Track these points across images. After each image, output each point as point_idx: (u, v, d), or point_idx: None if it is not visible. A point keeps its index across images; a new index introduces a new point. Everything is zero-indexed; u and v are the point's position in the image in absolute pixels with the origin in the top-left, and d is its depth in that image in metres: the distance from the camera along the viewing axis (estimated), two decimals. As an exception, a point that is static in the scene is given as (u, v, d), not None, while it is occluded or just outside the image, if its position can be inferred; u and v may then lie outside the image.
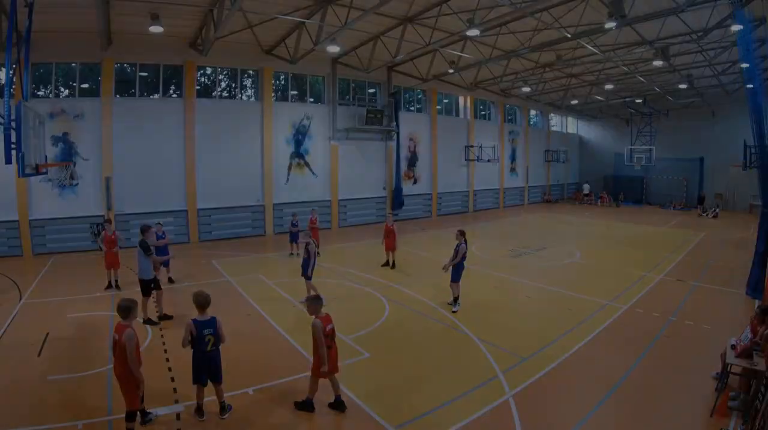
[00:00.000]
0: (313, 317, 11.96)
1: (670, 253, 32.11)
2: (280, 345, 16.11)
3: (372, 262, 28.93)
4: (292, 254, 30.85)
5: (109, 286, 23.07)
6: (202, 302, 11.59)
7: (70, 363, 14.59)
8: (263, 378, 13.68)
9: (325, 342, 11.76)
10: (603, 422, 11.59)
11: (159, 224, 24.25)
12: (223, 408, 11.65)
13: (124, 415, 10.63)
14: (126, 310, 10.69)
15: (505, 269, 27.77)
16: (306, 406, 12.15)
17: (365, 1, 26.93)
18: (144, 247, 17.88)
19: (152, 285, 18.31)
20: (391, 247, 27.95)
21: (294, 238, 30.61)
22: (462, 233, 20.35)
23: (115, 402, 11.94)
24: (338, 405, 12.20)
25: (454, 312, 19.80)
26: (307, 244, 20.92)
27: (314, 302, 12.26)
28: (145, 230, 18.31)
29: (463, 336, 17.16)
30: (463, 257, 20.12)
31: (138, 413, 11.01)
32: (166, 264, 23.65)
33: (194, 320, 11.41)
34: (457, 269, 20.13)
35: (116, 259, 23.03)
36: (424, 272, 26.69)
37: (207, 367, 11.46)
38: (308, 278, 20.66)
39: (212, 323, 11.49)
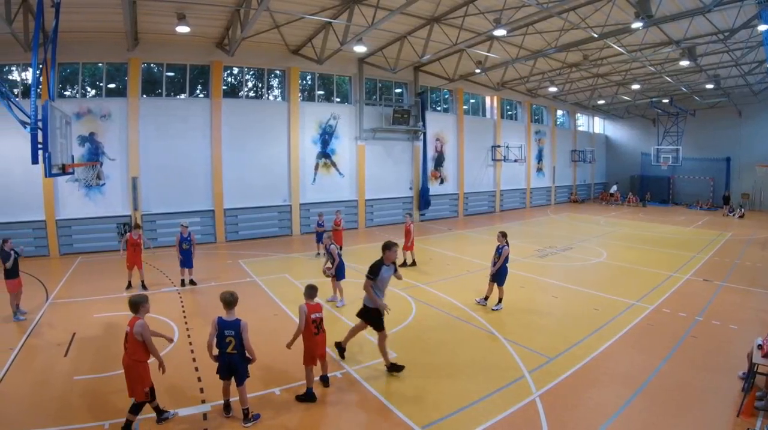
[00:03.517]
0: (303, 304, 12.60)
1: (696, 253, 31.78)
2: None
3: (398, 262, 28.73)
4: (318, 254, 30.62)
5: (129, 286, 23.12)
6: (226, 299, 11.44)
7: (97, 363, 14.58)
8: (290, 378, 13.61)
9: (311, 328, 12.38)
10: (629, 422, 11.42)
11: (184, 225, 24.19)
12: (246, 415, 11.35)
13: (139, 409, 10.93)
14: (134, 304, 11.04)
15: (531, 269, 27.50)
16: (307, 397, 12.50)
17: (392, 1, 27.00)
18: (371, 269, 14.32)
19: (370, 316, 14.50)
20: (406, 247, 28.02)
21: (320, 238, 30.43)
22: (504, 235, 20.28)
23: None
24: (323, 380, 13.26)
25: (494, 310, 19.92)
26: (328, 246, 20.96)
27: (308, 290, 12.88)
28: (387, 247, 14.50)
29: (490, 336, 17.08)
30: (506, 259, 20.04)
31: (153, 410, 11.37)
32: (188, 265, 23.86)
33: (219, 318, 11.35)
34: (501, 273, 20.07)
35: (138, 259, 22.97)
36: (450, 272, 26.56)
37: (227, 369, 11.39)
38: (340, 278, 20.79)
39: (235, 324, 11.31)
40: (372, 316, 14.15)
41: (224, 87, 37.30)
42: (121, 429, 10.97)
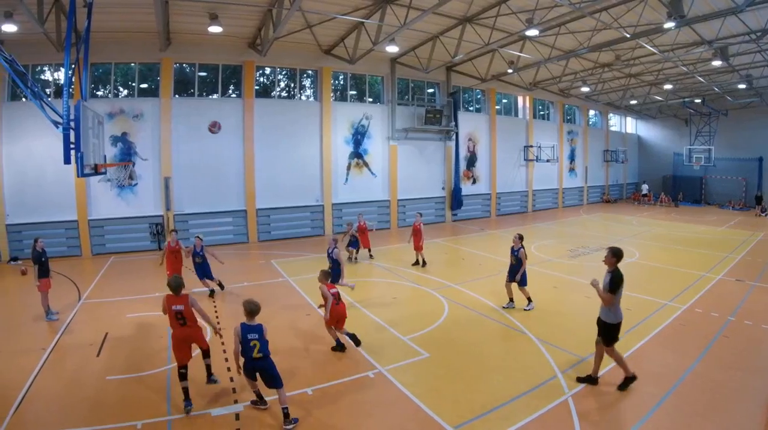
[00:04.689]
0: (320, 284, 15.50)
1: (729, 253, 31.42)
2: (340, 345, 15.99)
3: (431, 262, 28.66)
4: (350, 259, 30.25)
5: None
6: (251, 308, 11.80)
7: (129, 363, 14.62)
8: (322, 378, 13.61)
9: (332, 300, 15.22)
10: (661, 422, 11.34)
11: (199, 237, 22.82)
12: (287, 417, 11.31)
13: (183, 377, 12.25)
14: (178, 287, 12.59)
15: (564, 269, 27.42)
16: (339, 346, 15.71)
17: (424, 1, 26.87)
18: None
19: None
20: (417, 246, 28.15)
21: (353, 245, 30.14)
22: (521, 238, 20.10)
23: (174, 402, 12.00)
24: (353, 338, 15.93)
25: (526, 310, 19.76)
26: (332, 251, 21.06)
27: (323, 276, 15.72)
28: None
29: (522, 336, 16.99)
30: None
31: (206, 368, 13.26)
32: (209, 276, 22.67)
33: (242, 324, 11.67)
34: (523, 274, 19.87)
35: (179, 266, 22.13)
36: (482, 272, 26.44)
37: (255, 374, 11.68)
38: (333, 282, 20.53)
39: (258, 328, 11.59)
40: (613, 331, 13.16)
41: (256, 87, 37.38)
42: (183, 403, 11.96)
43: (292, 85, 40.19)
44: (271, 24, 29.48)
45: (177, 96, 34.61)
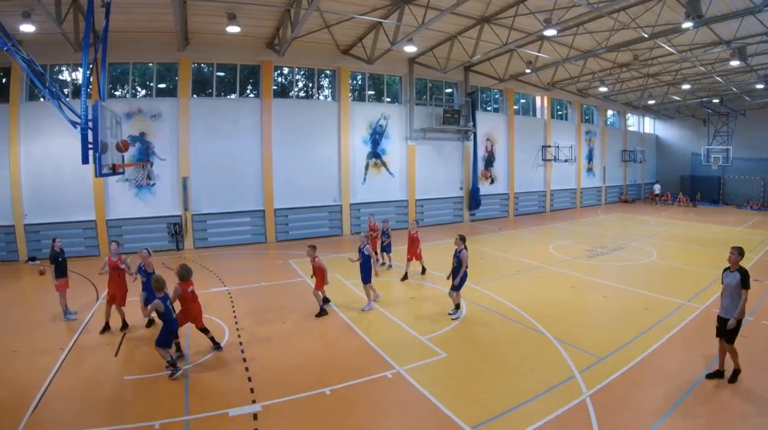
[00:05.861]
0: (316, 258, 18.96)
1: (747, 253, 31.17)
2: (357, 345, 16.08)
3: (449, 262, 28.54)
4: (385, 264, 29.01)
5: (107, 327, 17.83)
6: (159, 286, 13.98)
7: (147, 363, 14.64)
8: (340, 378, 13.58)
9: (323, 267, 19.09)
10: (680, 422, 11.36)
11: (146, 250, 19.29)
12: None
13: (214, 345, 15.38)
14: (189, 274, 15.45)
15: (582, 269, 27.23)
16: (322, 313, 19.04)
17: (442, 1, 26.85)
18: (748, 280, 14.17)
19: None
20: (414, 256, 26.16)
21: (387, 249, 28.96)
22: (463, 239, 19.49)
23: (192, 402, 12.09)
24: (324, 312, 19.26)
25: (453, 319, 18.92)
26: (364, 246, 20.43)
27: (312, 250, 19.12)
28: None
29: (540, 336, 16.93)
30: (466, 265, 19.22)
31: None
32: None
33: (159, 298, 13.81)
34: (461, 278, 19.05)
35: (121, 290, 18.61)
36: (500, 272, 26.36)
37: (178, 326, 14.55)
38: (366, 282, 20.39)
39: (167, 295, 14.24)
40: (737, 329, 13.38)
41: (274, 87, 37.48)
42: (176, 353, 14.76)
43: (310, 85, 40.22)
44: (289, 24, 29.46)
45: (195, 96, 34.73)
